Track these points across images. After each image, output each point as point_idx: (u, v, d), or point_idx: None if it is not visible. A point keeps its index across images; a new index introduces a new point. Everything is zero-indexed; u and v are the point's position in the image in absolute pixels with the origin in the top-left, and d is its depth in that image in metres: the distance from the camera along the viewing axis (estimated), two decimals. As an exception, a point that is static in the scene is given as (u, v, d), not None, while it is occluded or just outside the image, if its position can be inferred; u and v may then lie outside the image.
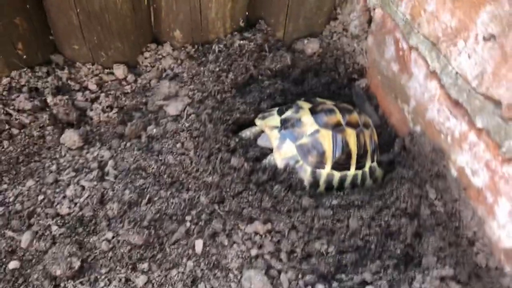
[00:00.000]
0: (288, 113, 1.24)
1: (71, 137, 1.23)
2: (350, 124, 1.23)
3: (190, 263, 1.04)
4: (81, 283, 1.01)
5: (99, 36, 1.30)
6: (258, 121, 1.27)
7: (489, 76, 1.01)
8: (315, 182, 1.20)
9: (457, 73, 1.11)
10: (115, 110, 1.33)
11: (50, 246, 1.06)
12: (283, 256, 1.06)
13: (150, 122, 1.29)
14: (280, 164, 1.19)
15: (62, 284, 1.02)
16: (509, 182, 1.02)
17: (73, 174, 1.19)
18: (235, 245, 1.06)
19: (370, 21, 1.46)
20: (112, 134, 1.29)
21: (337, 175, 1.21)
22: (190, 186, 1.15)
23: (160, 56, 1.41)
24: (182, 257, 1.05)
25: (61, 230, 1.09)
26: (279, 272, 1.03)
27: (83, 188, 1.16)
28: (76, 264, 1.02)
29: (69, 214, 1.12)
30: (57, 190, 1.16)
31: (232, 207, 1.10)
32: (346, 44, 1.51)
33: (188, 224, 1.09)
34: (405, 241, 1.10)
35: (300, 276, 1.03)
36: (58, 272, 1.01)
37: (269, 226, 1.08)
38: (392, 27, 1.35)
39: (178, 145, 1.19)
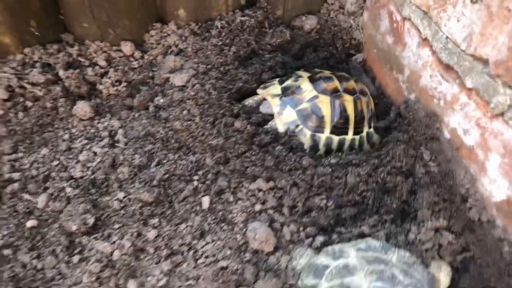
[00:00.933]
0: (288, 82, 1.31)
1: (82, 107, 1.30)
2: (347, 91, 1.29)
3: (198, 218, 1.10)
4: (95, 238, 1.08)
5: (107, 14, 1.37)
6: (259, 90, 1.33)
7: (477, 36, 1.07)
8: (315, 146, 1.26)
9: (447, 37, 1.17)
10: (123, 84, 1.39)
11: (65, 206, 1.12)
12: (285, 210, 1.12)
13: (157, 94, 1.35)
14: (281, 128, 1.25)
15: (77, 240, 1.08)
16: (498, 136, 1.08)
17: (85, 142, 1.26)
18: (240, 201, 1.13)
19: (365, -3, 1.53)
20: (121, 106, 1.36)
21: (335, 139, 1.27)
22: (196, 149, 1.21)
23: (165, 34, 1.48)
24: (190, 213, 1.11)
25: (75, 192, 1.15)
26: (282, 225, 1.10)
27: (95, 154, 1.23)
28: (90, 220, 1.08)
29: (82, 177, 1.19)
30: (70, 156, 1.23)
31: (237, 167, 1.17)
32: (343, 21, 1.58)
33: (195, 183, 1.15)
34: (401, 198, 1.16)
35: (301, 228, 1.09)
36: (74, 228, 1.07)
37: (271, 183, 1.15)
38: (386, 1, 1.42)
39: (184, 112, 1.25)
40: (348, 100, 1.28)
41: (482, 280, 1.05)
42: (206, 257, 1.04)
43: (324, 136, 1.26)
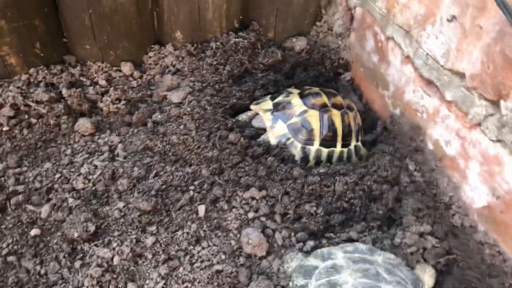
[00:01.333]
0: (280, 98, 1.39)
1: (84, 124, 1.37)
2: (335, 106, 1.37)
3: (194, 226, 1.16)
4: (96, 245, 1.13)
5: (108, 37, 1.46)
6: (252, 106, 1.41)
7: (454, 52, 1.16)
8: (305, 157, 1.33)
9: (427, 54, 1.26)
10: (123, 102, 1.47)
11: (68, 215, 1.18)
12: (277, 217, 1.18)
13: (155, 111, 1.43)
14: (273, 141, 1.32)
15: (79, 247, 1.14)
16: (477, 146, 1.15)
17: (86, 156, 1.32)
18: (234, 209, 1.18)
19: (352, 19, 1.62)
20: (120, 122, 1.43)
21: (325, 151, 1.34)
22: (192, 161, 1.27)
23: (163, 55, 1.56)
24: (187, 220, 1.17)
25: (77, 202, 1.21)
26: (274, 231, 1.15)
27: (95, 167, 1.29)
28: (92, 228, 1.14)
29: (83, 188, 1.24)
30: (72, 169, 1.29)
31: (231, 177, 1.23)
32: (331, 42, 1.67)
33: (191, 192, 1.21)
34: (387, 205, 1.22)
35: (292, 234, 1.15)
36: (76, 235, 1.12)
37: (264, 192, 1.21)
38: (371, 22, 1.51)
39: (181, 127, 1.32)
40: (336, 115, 1.35)
41: (464, 281, 1.10)
42: (202, 261, 1.09)
43: (314, 148, 1.33)
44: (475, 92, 1.12)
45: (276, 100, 1.39)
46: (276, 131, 1.33)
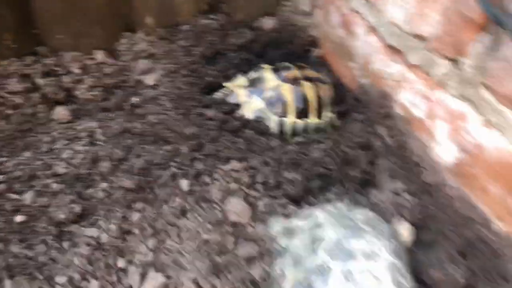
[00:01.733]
0: (252, 74, 1.43)
1: (61, 111, 1.38)
2: (307, 79, 1.42)
3: (178, 200, 1.18)
4: (83, 225, 1.15)
5: (81, 25, 1.47)
6: (226, 84, 1.45)
7: (415, 16, 1.22)
8: (281, 130, 1.37)
9: (390, 22, 1.31)
10: (98, 89, 1.48)
11: (52, 200, 1.19)
12: (258, 187, 1.22)
13: (131, 94, 1.45)
14: (250, 116, 1.36)
15: (66, 229, 1.15)
16: (441, 104, 1.22)
17: (66, 142, 1.33)
18: (216, 182, 1.22)
19: (317, -3, 1.68)
20: (97, 108, 1.45)
21: (300, 123, 1.39)
22: (171, 139, 1.30)
23: (135, 41, 1.58)
24: (171, 195, 1.20)
25: (61, 186, 1.22)
26: (256, 199, 1.19)
27: (76, 152, 1.30)
28: (77, 209, 1.15)
29: (66, 173, 1.26)
30: (53, 156, 1.30)
31: (211, 151, 1.27)
32: (298, 20, 1.72)
33: (173, 169, 1.24)
34: (361, 168, 1.28)
35: (274, 200, 1.19)
36: (62, 217, 1.14)
37: (244, 163, 1.24)
38: (335, -3, 1.56)
39: (158, 107, 1.35)
40: (308, 87, 1.40)
41: (439, 233, 1.16)
42: (189, 232, 1.12)
43: (289, 121, 1.38)
44: (437, 53, 1.18)
45: (249, 77, 1.43)
46: (252, 106, 1.37)
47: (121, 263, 1.08)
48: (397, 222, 1.13)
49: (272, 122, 1.37)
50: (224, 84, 1.46)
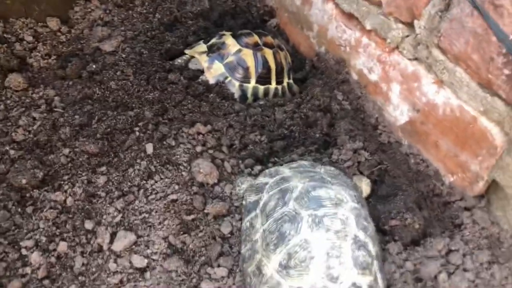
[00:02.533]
0: (213, 40, 1.44)
1: (15, 79, 1.33)
2: (267, 45, 1.46)
3: (144, 163, 1.18)
4: (46, 190, 1.12)
5: (31, -10, 1.42)
6: (187, 51, 1.45)
7: (370, -17, 1.27)
8: (243, 95, 1.40)
9: (346, -11, 1.36)
10: (53, 57, 1.44)
11: (11, 166, 1.15)
12: (224, 149, 1.24)
13: (88, 62, 1.42)
14: (212, 81, 1.38)
15: (28, 194, 1.12)
16: (396, 67, 1.28)
17: (22, 110, 1.29)
18: (181, 145, 1.22)
19: (272, -33, 1.70)
20: (53, 77, 1.41)
21: (261, 88, 1.42)
22: (134, 105, 1.29)
23: (90, 9, 1.55)
24: (136, 159, 1.19)
25: (19, 153, 1.19)
26: (223, 160, 1.21)
27: (34, 119, 1.27)
28: (40, 175, 1.13)
29: (24, 140, 1.22)
30: (9, 124, 1.26)
31: (175, 115, 1.27)
32: (255, -10, 1.75)
33: (137, 133, 1.23)
34: (322, 130, 1.32)
35: (240, 161, 1.22)
36: (23, 181, 1.11)
37: (209, 127, 1.26)
38: (291, -33, 1.59)
39: (118, 73, 1.33)
40: (268, 53, 1.44)
41: (395, 187, 1.23)
42: (156, 193, 1.13)
43: (251, 86, 1.41)
44: (392, 17, 1.24)
45: (210, 43, 1.44)
46: (213, 71, 1.39)
47: (89, 224, 1.07)
48: (357, 179, 1.19)
49: (234, 86, 1.39)
50: (185, 51, 1.46)
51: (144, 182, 1.15)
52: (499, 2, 0.93)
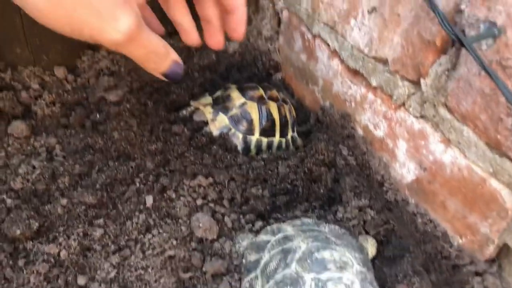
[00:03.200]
0: (218, 93, 1.45)
1: (18, 126, 1.32)
2: (271, 98, 1.46)
3: (142, 216, 1.15)
4: (40, 242, 1.09)
5: (41, 39, 1.43)
6: (192, 102, 1.45)
7: (376, 41, 1.27)
8: (246, 147, 1.39)
9: (352, 46, 1.37)
10: (58, 105, 1.44)
11: (6, 215, 1.13)
12: (225, 202, 1.21)
13: (93, 111, 1.41)
14: (216, 133, 1.37)
15: (21, 246, 1.09)
16: (402, 124, 1.27)
17: (22, 158, 1.28)
18: (182, 198, 1.20)
19: (279, 23, 1.72)
20: (57, 125, 1.40)
21: (264, 140, 1.41)
22: (136, 155, 1.28)
23: (97, 59, 1.56)
24: (135, 211, 1.16)
25: (16, 202, 1.16)
26: (223, 215, 1.18)
27: (33, 167, 1.25)
28: (35, 225, 1.10)
29: (22, 188, 1.20)
30: (8, 171, 1.24)
31: (177, 167, 1.25)
32: (261, 45, 1.76)
33: (137, 184, 1.21)
34: (326, 186, 1.30)
35: (241, 216, 1.19)
36: (18, 232, 1.08)
37: (210, 179, 1.23)
38: (297, 23, 1.61)
39: (122, 123, 1.32)
40: (273, 106, 1.43)
41: (402, 248, 1.18)
42: (154, 248, 1.09)
43: (254, 138, 1.40)
44: (398, 75, 1.23)
45: (215, 95, 1.45)
46: (217, 123, 1.38)
47: (82, 280, 1.02)
48: (362, 239, 1.15)
49: (238, 139, 1.38)
50: (190, 102, 1.46)
51: (142, 236, 1.11)
52: (507, 63, 0.92)
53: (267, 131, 1.42)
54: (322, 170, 1.31)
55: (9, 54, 1.45)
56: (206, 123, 1.39)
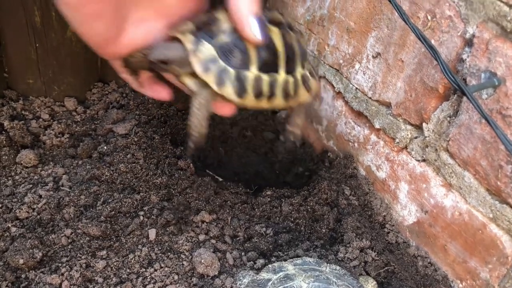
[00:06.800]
0: (202, 16, 0.96)
1: (27, 155, 1.34)
2: (273, 22, 0.98)
3: (145, 249, 1.16)
4: (43, 272, 1.09)
5: (53, 71, 1.47)
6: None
7: (380, 84, 1.31)
8: (241, 87, 0.95)
9: (356, 88, 1.41)
10: (66, 135, 1.46)
11: (10, 244, 1.13)
12: (227, 239, 1.22)
13: (100, 143, 1.44)
14: (199, 68, 0.92)
15: (23, 275, 1.09)
16: (404, 167, 1.29)
17: (29, 187, 1.30)
18: (184, 232, 1.21)
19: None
20: (64, 155, 1.42)
21: (265, 79, 0.97)
22: (141, 188, 1.29)
23: (107, 92, 1.60)
24: (137, 244, 1.17)
25: (21, 231, 1.17)
26: (225, 252, 1.19)
27: (40, 196, 1.26)
28: (38, 255, 1.10)
29: (27, 217, 1.21)
30: (14, 200, 1.25)
31: (181, 201, 1.26)
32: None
33: (141, 217, 1.22)
34: (328, 225, 1.31)
35: (243, 253, 1.19)
36: (21, 261, 1.08)
37: (214, 215, 1.25)
38: (304, 64, 1.66)
39: (129, 156, 1.34)
40: (275, 32, 0.98)
41: (402, 291, 1.19)
42: (155, 282, 1.09)
43: (251, 74, 0.95)
44: (400, 119, 1.27)
45: (198, 19, 0.95)
46: (201, 54, 0.91)
47: (82, 313, 1.03)
48: (363, 280, 1.15)
49: (228, 76, 0.93)
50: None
51: (144, 269, 1.12)
52: (506, 112, 0.95)
53: (268, 65, 0.97)
54: (324, 210, 1.32)
55: (21, 84, 1.49)
56: (181, 64, 0.94)
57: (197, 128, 0.98)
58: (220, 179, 1.43)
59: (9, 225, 1.18)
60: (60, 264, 1.11)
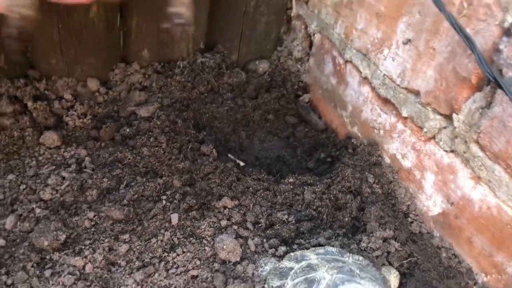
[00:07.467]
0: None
1: (50, 136, 1.35)
2: None
3: (167, 234, 1.16)
4: (67, 254, 1.11)
5: (76, 52, 1.47)
6: None
7: (409, 72, 1.27)
8: None
9: (384, 75, 1.37)
10: (89, 117, 1.46)
11: (35, 225, 1.15)
12: (249, 225, 1.21)
13: (123, 125, 1.43)
14: None
15: (48, 256, 1.11)
16: (431, 157, 1.26)
17: (52, 168, 1.30)
18: (207, 218, 1.20)
19: (311, 45, 1.73)
20: (87, 137, 1.43)
21: None
22: (163, 172, 1.29)
23: (129, 73, 1.59)
24: (160, 229, 1.17)
25: (45, 212, 1.18)
26: (247, 238, 1.18)
27: (63, 178, 1.27)
28: (62, 237, 1.12)
29: (51, 199, 1.22)
30: (38, 181, 1.26)
31: (203, 186, 1.26)
32: (291, 66, 1.77)
33: (164, 202, 1.22)
34: (351, 213, 1.29)
35: (265, 240, 1.19)
36: (45, 243, 1.10)
37: (236, 201, 1.24)
38: (329, 47, 1.62)
39: (151, 139, 1.34)
40: None
41: (425, 282, 1.17)
42: (177, 267, 1.10)
43: None
44: (430, 108, 1.23)
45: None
46: None
47: (105, 295, 1.03)
48: (385, 270, 1.14)
49: None
50: None
51: (166, 254, 1.12)
52: (544, 107, 0.91)
53: None
54: (347, 198, 1.30)
55: (44, 64, 1.49)
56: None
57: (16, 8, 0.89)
58: (242, 164, 1.42)
59: (34, 206, 1.20)
60: (83, 247, 1.12)
